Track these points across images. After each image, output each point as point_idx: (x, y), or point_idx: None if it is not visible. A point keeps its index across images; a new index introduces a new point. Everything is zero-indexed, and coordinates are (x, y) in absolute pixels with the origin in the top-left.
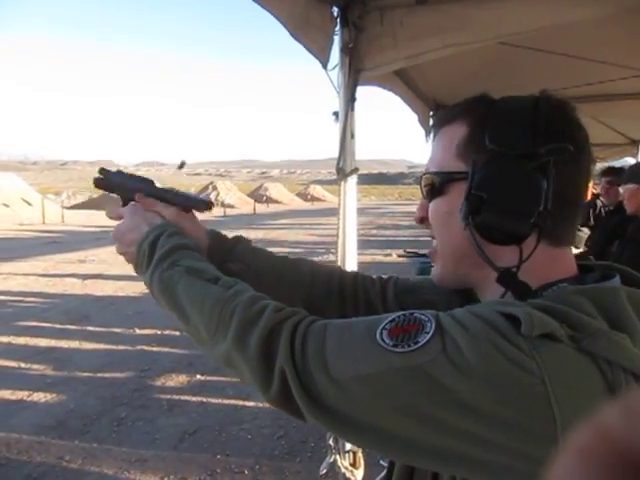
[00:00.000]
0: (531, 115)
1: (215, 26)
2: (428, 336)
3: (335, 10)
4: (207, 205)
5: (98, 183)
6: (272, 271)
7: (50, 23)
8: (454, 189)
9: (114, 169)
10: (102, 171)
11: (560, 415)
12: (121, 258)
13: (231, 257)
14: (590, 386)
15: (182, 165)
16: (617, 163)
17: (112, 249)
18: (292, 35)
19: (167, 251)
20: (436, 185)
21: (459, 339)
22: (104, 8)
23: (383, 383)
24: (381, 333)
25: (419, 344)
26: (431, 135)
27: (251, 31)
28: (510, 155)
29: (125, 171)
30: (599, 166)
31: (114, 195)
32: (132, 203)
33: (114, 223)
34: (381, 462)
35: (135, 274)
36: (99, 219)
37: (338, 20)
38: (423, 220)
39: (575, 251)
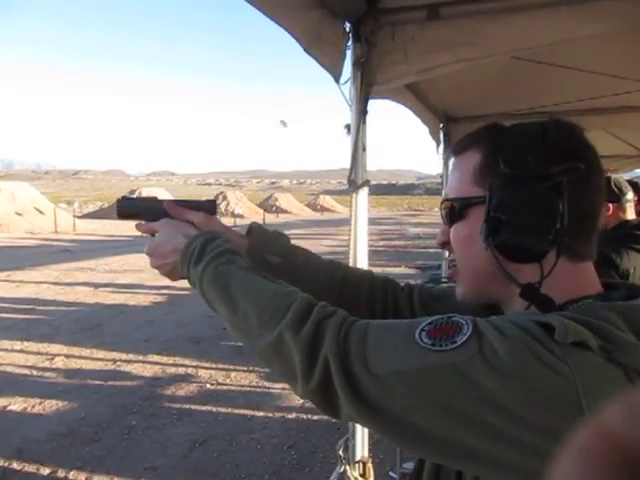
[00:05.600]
0: (541, 138)
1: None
2: (465, 337)
3: (347, 25)
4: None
5: (121, 212)
6: (308, 269)
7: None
8: (473, 213)
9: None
10: (120, 200)
11: None
12: (132, 267)
13: (271, 250)
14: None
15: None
16: (627, 175)
17: (123, 258)
18: (306, 51)
19: (224, 251)
20: (455, 210)
21: (495, 342)
22: (132, 36)
23: (420, 379)
24: (420, 333)
25: (456, 344)
26: (441, 147)
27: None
28: (525, 177)
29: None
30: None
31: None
32: (164, 219)
33: (125, 232)
34: (390, 473)
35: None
36: (110, 228)
37: (350, 35)
38: (445, 244)
39: None
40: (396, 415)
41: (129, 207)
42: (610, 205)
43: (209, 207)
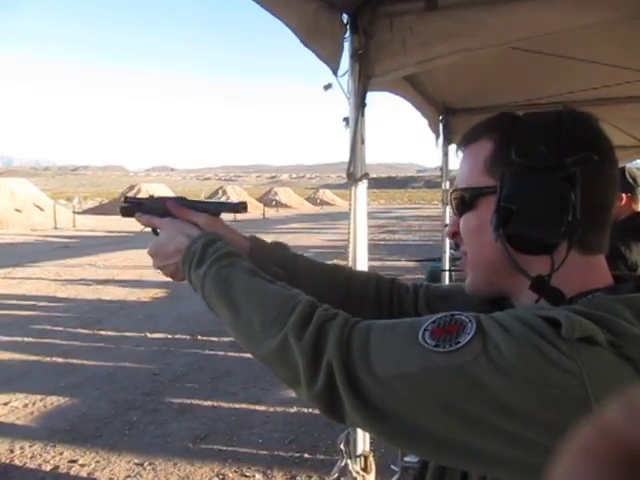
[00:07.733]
0: (555, 128)
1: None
2: (469, 337)
3: (345, 17)
4: (243, 206)
5: (125, 210)
6: (310, 277)
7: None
8: (483, 203)
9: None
10: (127, 199)
11: None
12: (132, 262)
13: (271, 262)
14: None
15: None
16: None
17: (122, 254)
18: (304, 44)
19: (225, 253)
20: (465, 200)
21: (500, 340)
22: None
23: (424, 382)
24: (423, 334)
25: (460, 344)
26: (440, 139)
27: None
28: (537, 167)
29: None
30: None
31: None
32: (167, 218)
33: (125, 228)
34: (392, 467)
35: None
36: (110, 224)
37: (348, 27)
38: (455, 235)
39: None
40: (402, 418)
41: (133, 206)
42: (623, 195)
43: (213, 208)
